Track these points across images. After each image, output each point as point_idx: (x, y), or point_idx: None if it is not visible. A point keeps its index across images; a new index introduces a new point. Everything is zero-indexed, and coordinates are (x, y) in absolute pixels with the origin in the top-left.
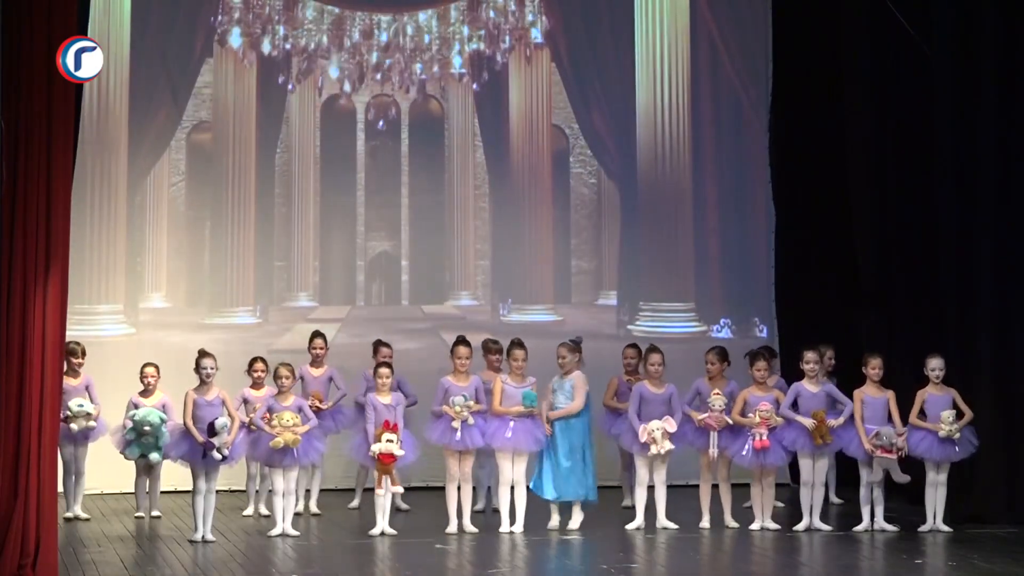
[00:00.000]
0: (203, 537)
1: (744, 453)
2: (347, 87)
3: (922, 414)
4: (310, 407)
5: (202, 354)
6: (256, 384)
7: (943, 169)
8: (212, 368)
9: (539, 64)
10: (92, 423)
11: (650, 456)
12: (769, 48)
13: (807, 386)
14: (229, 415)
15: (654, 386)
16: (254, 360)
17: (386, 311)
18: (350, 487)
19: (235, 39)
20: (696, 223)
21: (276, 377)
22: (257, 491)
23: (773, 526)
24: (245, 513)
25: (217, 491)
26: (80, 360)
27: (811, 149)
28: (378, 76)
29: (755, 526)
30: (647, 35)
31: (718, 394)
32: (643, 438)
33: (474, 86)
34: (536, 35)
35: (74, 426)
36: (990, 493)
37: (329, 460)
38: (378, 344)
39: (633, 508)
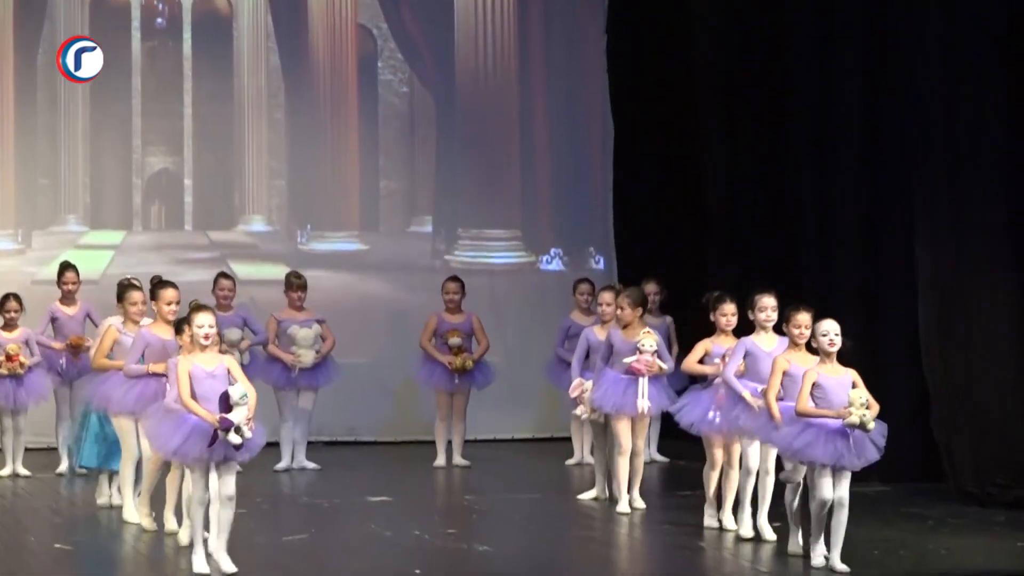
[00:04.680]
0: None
1: (710, 417)
2: None
3: (798, 399)
4: (70, 346)
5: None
6: (8, 325)
7: (797, 85)
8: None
9: None
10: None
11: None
12: None
13: (760, 344)
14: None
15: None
16: (5, 298)
17: (166, 237)
18: None
19: None
20: (523, 139)
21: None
22: None
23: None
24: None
25: None
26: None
27: (655, 54)
28: None
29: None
30: None
31: (648, 333)
32: (574, 393)
33: None
34: None
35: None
36: None
37: None
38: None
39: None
